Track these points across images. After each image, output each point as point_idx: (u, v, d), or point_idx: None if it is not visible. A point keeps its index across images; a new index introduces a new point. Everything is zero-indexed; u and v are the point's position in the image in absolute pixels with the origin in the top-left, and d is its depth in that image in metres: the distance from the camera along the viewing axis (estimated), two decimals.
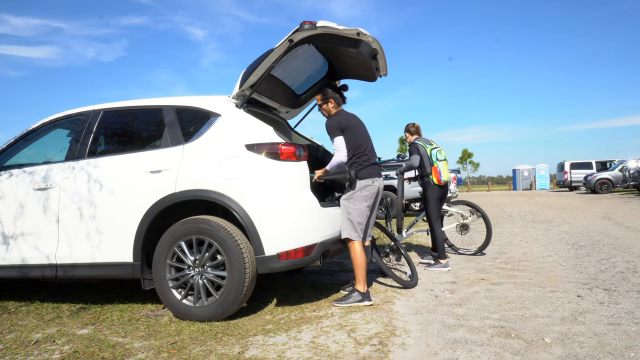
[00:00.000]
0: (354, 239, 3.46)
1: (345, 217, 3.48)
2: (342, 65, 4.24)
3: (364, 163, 3.51)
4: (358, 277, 3.44)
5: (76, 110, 3.75)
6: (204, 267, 3.10)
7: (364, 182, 3.47)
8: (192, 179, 3.12)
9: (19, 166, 3.69)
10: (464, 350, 2.48)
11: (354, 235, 3.46)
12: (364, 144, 3.55)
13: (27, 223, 3.46)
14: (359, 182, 3.48)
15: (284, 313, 3.28)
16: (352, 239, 3.46)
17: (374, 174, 3.53)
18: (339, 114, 3.61)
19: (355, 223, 3.45)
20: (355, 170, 3.47)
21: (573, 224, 8.78)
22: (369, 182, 3.48)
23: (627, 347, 2.46)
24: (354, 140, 3.51)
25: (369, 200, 3.50)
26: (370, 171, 3.51)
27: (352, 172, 3.44)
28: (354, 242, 3.46)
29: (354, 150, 3.50)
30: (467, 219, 5.67)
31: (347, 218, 3.47)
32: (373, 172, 3.53)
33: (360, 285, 3.42)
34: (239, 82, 3.36)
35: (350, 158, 3.51)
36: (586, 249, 5.72)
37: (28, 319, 3.33)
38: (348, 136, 3.50)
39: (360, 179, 3.48)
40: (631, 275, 4.15)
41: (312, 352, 2.50)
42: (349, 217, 3.46)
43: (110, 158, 3.42)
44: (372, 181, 3.50)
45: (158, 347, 2.63)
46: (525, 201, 17.94)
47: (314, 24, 3.08)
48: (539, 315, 3.07)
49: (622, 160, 22.95)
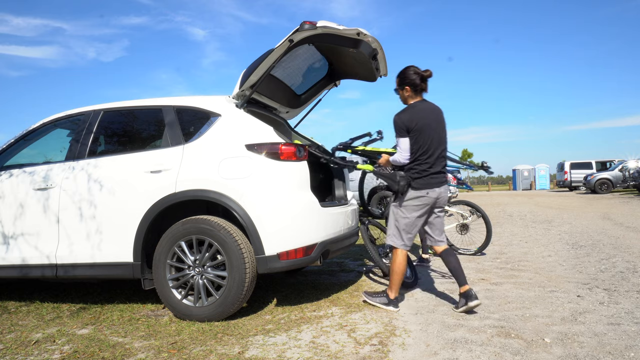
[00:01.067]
0: (397, 247, 3.26)
1: (393, 223, 3.29)
2: (342, 65, 4.24)
3: (423, 172, 3.16)
4: (392, 283, 3.28)
5: (76, 110, 3.75)
6: (204, 267, 3.10)
7: (416, 192, 3.18)
8: (192, 179, 3.13)
9: (19, 166, 3.69)
10: (464, 350, 2.48)
11: (398, 243, 3.26)
12: (430, 150, 3.16)
13: (28, 223, 3.46)
14: (412, 191, 3.19)
15: (284, 313, 3.28)
16: (396, 246, 3.27)
17: (431, 185, 3.17)
18: (412, 109, 3.21)
19: (402, 231, 3.23)
20: (408, 181, 3.18)
21: (573, 224, 8.78)
22: (422, 193, 3.16)
23: (627, 347, 2.47)
24: (419, 144, 3.15)
25: (421, 211, 3.21)
26: (427, 181, 3.17)
27: (402, 183, 3.16)
28: (397, 249, 3.27)
29: (415, 155, 3.18)
30: (467, 219, 5.68)
31: (394, 225, 3.27)
32: (431, 182, 3.18)
33: (392, 292, 3.28)
34: (239, 82, 3.36)
35: (409, 163, 3.21)
36: (586, 249, 5.72)
37: (28, 319, 3.33)
38: (414, 139, 3.16)
39: (413, 189, 3.18)
40: (631, 275, 4.16)
41: (312, 352, 2.50)
42: (395, 224, 3.26)
43: (110, 158, 3.42)
44: (426, 192, 3.16)
45: (158, 347, 2.63)
46: (525, 201, 17.94)
47: (314, 24, 3.08)
48: (539, 315, 3.07)
49: (622, 160, 22.95)
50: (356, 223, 4.12)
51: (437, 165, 3.21)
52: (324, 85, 4.54)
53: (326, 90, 4.63)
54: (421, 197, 3.18)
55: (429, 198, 3.19)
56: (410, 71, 3.24)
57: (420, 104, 3.25)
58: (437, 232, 3.37)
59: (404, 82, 3.26)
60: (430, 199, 3.20)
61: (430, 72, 3.23)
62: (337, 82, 4.55)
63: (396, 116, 3.22)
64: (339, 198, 4.22)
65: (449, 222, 6.05)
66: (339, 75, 4.45)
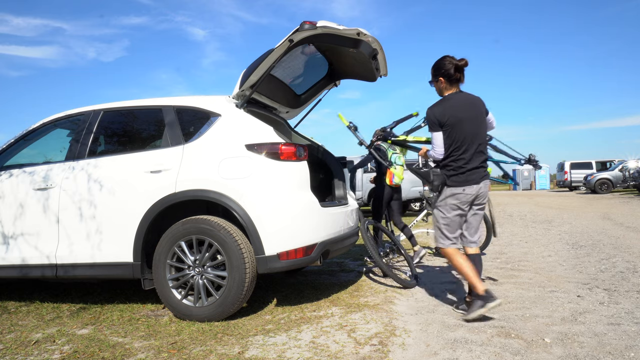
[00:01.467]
0: (444, 247, 3.15)
1: (435, 224, 3.22)
2: (342, 65, 4.24)
3: (459, 169, 3.04)
4: (469, 281, 3.06)
5: (76, 110, 3.75)
6: (204, 267, 3.10)
7: (452, 190, 3.06)
8: (192, 179, 3.12)
9: (19, 166, 3.69)
10: (464, 350, 2.48)
11: (444, 243, 3.14)
12: (464, 145, 3.02)
13: (27, 223, 3.46)
14: (447, 189, 3.09)
15: (284, 313, 3.28)
16: (442, 247, 3.16)
17: (467, 181, 3.03)
18: (447, 102, 3.08)
19: (444, 231, 3.13)
20: (443, 179, 3.08)
21: (573, 224, 8.77)
22: (458, 190, 3.04)
23: (627, 347, 2.47)
24: (452, 139, 3.03)
25: (459, 210, 3.09)
26: (463, 178, 3.03)
27: (435, 183, 3.07)
28: (446, 249, 3.14)
29: (449, 151, 3.05)
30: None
31: (436, 226, 3.19)
32: (467, 178, 3.03)
33: (479, 289, 2.98)
34: (239, 82, 3.36)
35: (444, 159, 3.09)
36: (586, 249, 5.72)
37: (28, 319, 3.33)
38: (447, 133, 3.03)
39: (449, 186, 3.07)
40: (631, 275, 4.15)
41: (312, 352, 2.50)
42: (437, 226, 3.18)
43: (110, 158, 3.42)
44: (462, 189, 3.04)
45: (158, 347, 2.63)
46: (525, 201, 17.94)
47: (314, 24, 3.08)
48: (539, 315, 3.07)
49: (622, 160, 22.94)
50: (356, 223, 4.12)
51: (474, 161, 3.05)
52: (324, 85, 4.54)
53: (326, 90, 4.63)
54: (458, 195, 3.05)
55: (466, 195, 3.05)
56: (445, 61, 3.09)
57: (456, 95, 3.10)
58: (472, 230, 3.20)
59: (437, 73, 3.13)
60: (468, 195, 3.05)
61: (466, 61, 3.08)
62: (337, 82, 4.55)
63: (429, 109, 3.10)
64: (339, 198, 4.22)
65: None
66: (339, 75, 4.45)
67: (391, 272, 3.92)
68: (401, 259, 5.17)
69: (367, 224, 4.30)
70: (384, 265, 3.96)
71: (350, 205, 4.06)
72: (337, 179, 4.30)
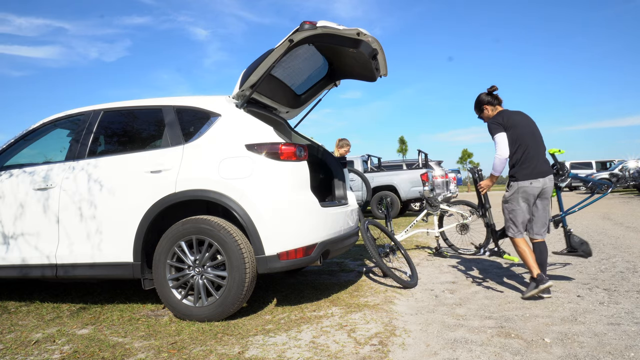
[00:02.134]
0: (514, 236, 3.61)
1: (506, 216, 3.67)
2: (342, 65, 4.24)
3: (524, 164, 3.50)
4: (528, 267, 3.50)
5: (76, 110, 3.75)
6: (204, 267, 3.10)
7: (520, 183, 3.51)
8: (192, 179, 3.12)
9: (19, 166, 3.69)
10: (464, 350, 2.48)
11: (514, 233, 3.61)
12: (527, 142, 3.51)
13: (27, 223, 3.46)
14: (515, 183, 3.54)
15: (284, 313, 3.28)
16: (513, 236, 3.62)
17: (533, 175, 3.49)
18: (501, 112, 3.64)
19: (516, 222, 3.59)
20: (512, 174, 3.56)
21: (573, 224, 8.77)
22: (526, 183, 3.49)
23: (627, 347, 2.47)
24: (516, 135, 3.50)
25: (525, 203, 3.55)
26: (529, 172, 3.49)
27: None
28: (515, 238, 3.59)
29: (515, 149, 3.51)
30: (467, 219, 5.67)
31: (508, 217, 3.64)
32: (533, 172, 3.49)
33: (534, 272, 3.45)
34: (239, 82, 3.36)
35: (511, 158, 3.55)
36: None
37: (28, 319, 3.33)
38: (510, 132, 3.51)
39: (517, 180, 3.52)
40: (631, 275, 4.16)
41: (312, 352, 2.50)
42: (509, 217, 3.63)
43: (110, 158, 3.42)
44: (529, 182, 3.49)
45: (158, 347, 2.63)
46: None
47: (314, 24, 3.08)
48: (539, 315, 3.07)
49: (622, 160, 22.95)
50: (356, 223, 4.12)
51: (539, 157, 3.52)
52: (324, 85, 4.54)
53: (326, 90, 4.63)
54: (525, 187, 3.49)
55: (533, 188, 3.49)
56: (480, 96, 3.79)
57: (505, 110, 3.68)
58: (539, 224, 3.63)
59: (480, 105, 3.78)
60: (535, 188, 3.50)
61: (495, 86, 3.74)
62: (337, 82, 4.55)
63: (489, 121, 3.62)
64: (339, 198, 4.22)
65: (449, 222, 6.05)
66: (339, 75, 4.45)
67: (391, 272, 3.92)
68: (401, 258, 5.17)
69: (367, 224, 4.30)
70: (384, 265, 3.96)
71: (350, 205, 4.06)
72: (337, 179, 4.30)
